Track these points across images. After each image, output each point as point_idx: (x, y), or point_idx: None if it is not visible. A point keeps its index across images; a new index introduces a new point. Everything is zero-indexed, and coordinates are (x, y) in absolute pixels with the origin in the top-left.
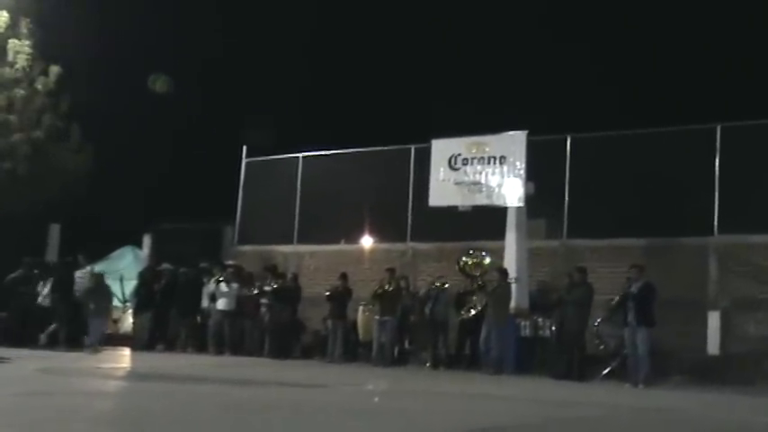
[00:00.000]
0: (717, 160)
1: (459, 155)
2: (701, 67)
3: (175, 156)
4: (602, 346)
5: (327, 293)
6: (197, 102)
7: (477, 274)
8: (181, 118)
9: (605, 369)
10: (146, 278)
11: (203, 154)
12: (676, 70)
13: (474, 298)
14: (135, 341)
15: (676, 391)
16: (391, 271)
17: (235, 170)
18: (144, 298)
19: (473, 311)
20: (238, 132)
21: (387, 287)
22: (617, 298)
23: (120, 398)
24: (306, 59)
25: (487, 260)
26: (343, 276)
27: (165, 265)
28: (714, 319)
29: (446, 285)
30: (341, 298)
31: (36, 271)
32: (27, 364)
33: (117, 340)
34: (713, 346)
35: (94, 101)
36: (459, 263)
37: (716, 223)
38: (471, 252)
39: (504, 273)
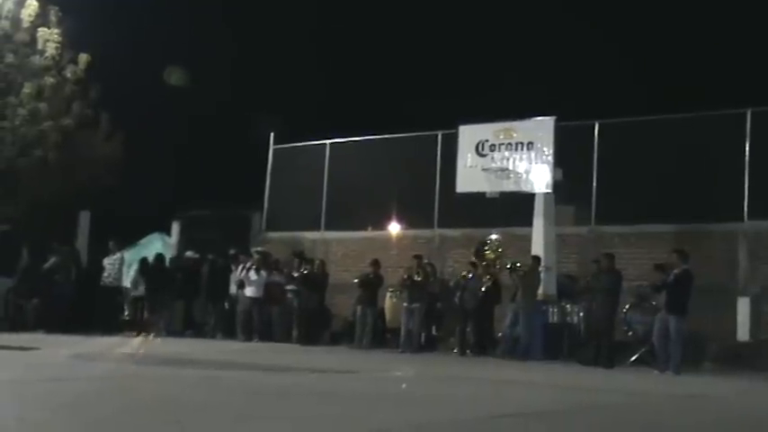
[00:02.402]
0: (747, 145)
1: (487, 141)
2: (731, 51)
3: (204, 143)
4: (630, 333)
5: (356, 280)
6: (226, 88)
7: (495, 257)
8: (209, 105)
9: (633, 356)
10: (173, 266)
11: (232, 141)
12: (706, 55)
13: (483, 279)
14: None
15: (705, 378)
16: (419, 258)
17: (263, 157)
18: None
19: (483, 289)
20: (266, 119)
21: (415, 277)
22: (651, 281)
23: (149, 383)
24: (334, 46)
25: (499, 239)
26: (375, 263)
27: (189, 253)
28: (744, 306)
29: (470, 276)
30: (372, 284)
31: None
32: (58, 349)
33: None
34: (743, 332)
35: (123, 88)
36: (480, 252)
37: (746, 209)
38: (488, 242)
39: (537, 260)
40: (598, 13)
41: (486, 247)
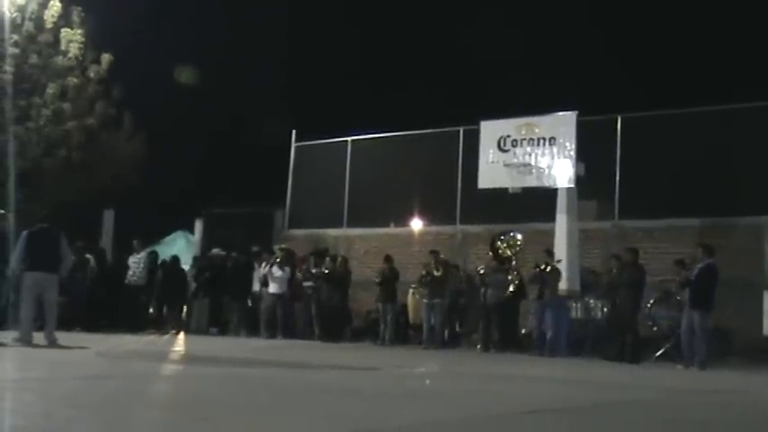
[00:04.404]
0: None
1: (509, 136)
2: (754, 43)
3: (226, 141)
4: (655, 328)
5: (378, 281)
6: (248, 86)
7: (512, 254)
8: (232, 103)
9: (658, 351)
10: (201, 264)
11: (253, 139)
12: (729, 47)
13: (509, 278)
14: (189, 325)
15: (731, 373)
16: (435, 253)
17: (285, 155)
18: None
19: (511, 288)
20: (288, 117)
21: (434, 272)
22: (678, 278)
23: (175, 381)
24: (354, 42)
25: (519, 237)
26: (387, 259)
27: (216, 250)
28: None
29: (482, 271)
30: (389, 281)
31: (88, 255)
32: (84, 347)
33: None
34: None
35: (146, 88)
36: (494, 245)
37: None
38: (503, 237)
39: (550, 254)
40: (620, 5)
41: (501, 242)
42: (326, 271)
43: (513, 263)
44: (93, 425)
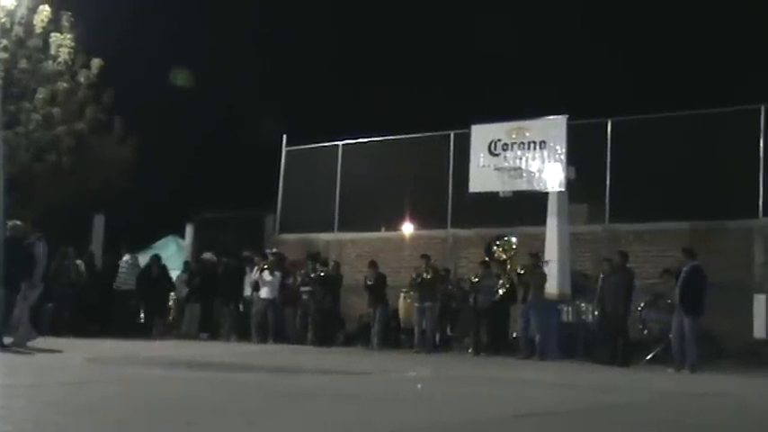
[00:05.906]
0: (761, 142)
1: (500, 140)
2: (745, 47)
3: (217, 145)
4: (645, 331)
5: (370, 283)
6: (238, 90)
7: (507, 257)
8: (222, 107)
9: (649, 354)
10: (192, 269)
11: (244, 143)
12: (719, 51)
13: (500, 281)
14: (180, 330)
15: (721, 376)
16: (426, 257)
17: (275, 159)
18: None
19: (501, 291)
20: (279, 121)
21: (425, 275)
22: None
23: (165, 386)
24: (346, 47)
25: (514, 239)
26: (372, 264)
27: (207, 255)
28: (760, 303)
29: (477, 280)
30: (380, 284)
31: (78, 261)
32: (75, 352)
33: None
34: (759, 329)
35: (136, 92)
36: (491, 248)
37: (761, 206)
38: (499, 242)
39: (535, 257)
40: (609, 10)
41: (498, 246)
42: (322, 274)
43: (508, 267)
44: (82, 430)
